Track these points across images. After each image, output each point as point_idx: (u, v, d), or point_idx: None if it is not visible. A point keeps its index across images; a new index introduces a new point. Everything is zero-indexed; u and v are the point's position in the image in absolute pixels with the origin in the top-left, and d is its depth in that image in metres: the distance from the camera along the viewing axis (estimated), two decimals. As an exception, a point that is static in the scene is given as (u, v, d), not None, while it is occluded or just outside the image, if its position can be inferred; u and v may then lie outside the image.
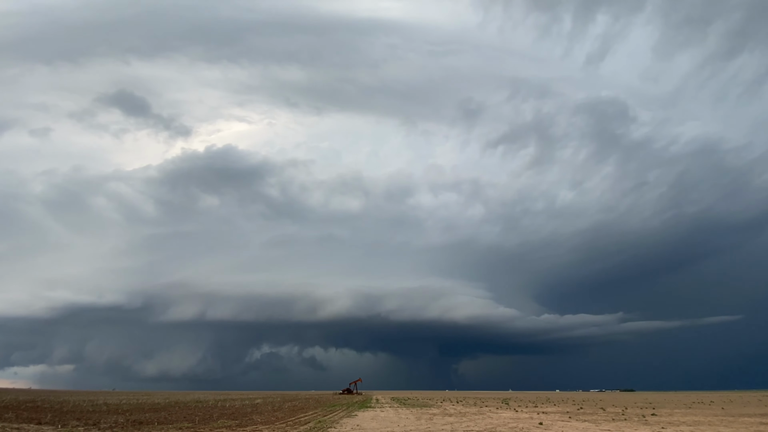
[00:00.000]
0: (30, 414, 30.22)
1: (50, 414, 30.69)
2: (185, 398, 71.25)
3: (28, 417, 27.85)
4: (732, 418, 32.15)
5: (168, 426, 24.68)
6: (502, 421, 29.43)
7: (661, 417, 33.63)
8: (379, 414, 36.19)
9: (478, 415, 34.92)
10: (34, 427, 23.00)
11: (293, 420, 29.86)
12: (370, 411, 40.09)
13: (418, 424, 27.58)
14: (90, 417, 29.41)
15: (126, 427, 23.95)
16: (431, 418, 32.28)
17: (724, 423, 28.71)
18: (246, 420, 29.37)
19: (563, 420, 30.69)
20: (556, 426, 26.50)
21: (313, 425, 26.35)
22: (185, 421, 27.96)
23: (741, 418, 32.04)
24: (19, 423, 24.38)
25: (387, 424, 27.16)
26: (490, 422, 28.77)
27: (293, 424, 27.18)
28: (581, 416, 34.43)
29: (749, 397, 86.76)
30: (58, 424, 24.23)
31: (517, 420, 30.68)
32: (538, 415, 35.88)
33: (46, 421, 25.93)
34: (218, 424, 26.56)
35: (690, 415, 36.28)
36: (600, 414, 37.10)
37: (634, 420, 30.80)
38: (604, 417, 33.69)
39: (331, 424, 26.97)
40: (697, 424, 28.26)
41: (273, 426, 25.66)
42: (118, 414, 32.36)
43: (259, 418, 31.42)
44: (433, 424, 27.10)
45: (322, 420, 29.97)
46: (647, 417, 33.47)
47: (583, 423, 28.70)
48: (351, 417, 32.97)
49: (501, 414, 36.79)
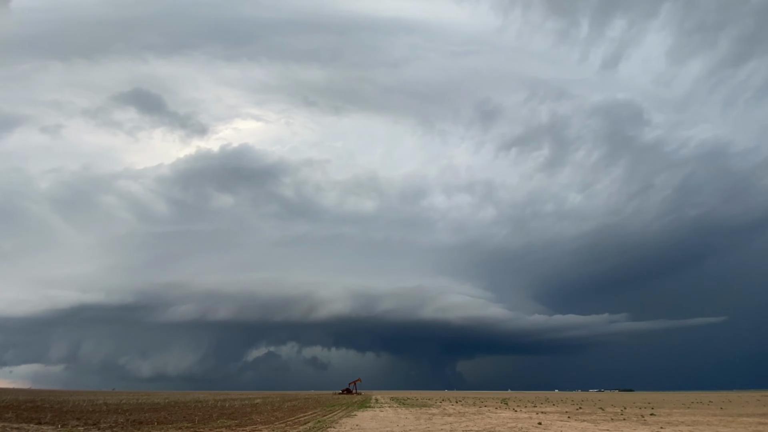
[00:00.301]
0: (30, 414, 30.31)
1: (50, 414, 30.77)
2: (185, 398, 71.33)
3: (28, 417, 27.95)
4: (731, 418, 32.21)
5: (168, 426, 24.73)
6: (501, 421, 29.49)
7: (660, 417, 33.71)
8: (378, 414, 36.25)
9: (477, 415, 34.98)
10: (34, 426, 23.04)
11: (293, 420, 29.92)
12: (369, 411, 40.16)
13: (418, 423, 27.62)
14: (90, 417, 29.49)
15: (126, 427, 24.01)
16: (430, 418, 32.34)
17: (722, 423, 28.73)
18: (245, 420, 29.43)
19: (562, 420, 30.75)
20: (555, 426, 26.54)
21: (313, 425, 26.41)
22: (185, 421, 28.03)
23: (740, 418, 32.08)
24: (19, 423, 24.46)
25: (386, 424, 27.21)
26: (489, 422, 28.82)
27: (293, 423, 27.24)
28: (580, 416, 34.50)
29: (748, 397, 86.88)
30: (58, 424, 24.29)
31: (516, 420, 30.74)
32: (537, 415, 35.96)
33: (46, 420, 26.00)
34: (218, 423, 26.62)
35: (689, 414, 36.39)
36: (599, 414, 37.18)
37: (633, 420, 30.87)
38: (602, 417, 33.77)
39: (331, 424, 27.04)
40: (696, 423, 28.29)
41: (273, 426, 25.71)
42: (118, 414, 32.42)
43: (258, 417, 31.49)
44: (432, 424, 27.14)
45: (322, 420, 30.04)
46: (646, 417, 33.57)
47: (582, 423, 28.74)
48: (350, 417, 33.04)
49: (500, 414, 36.86)
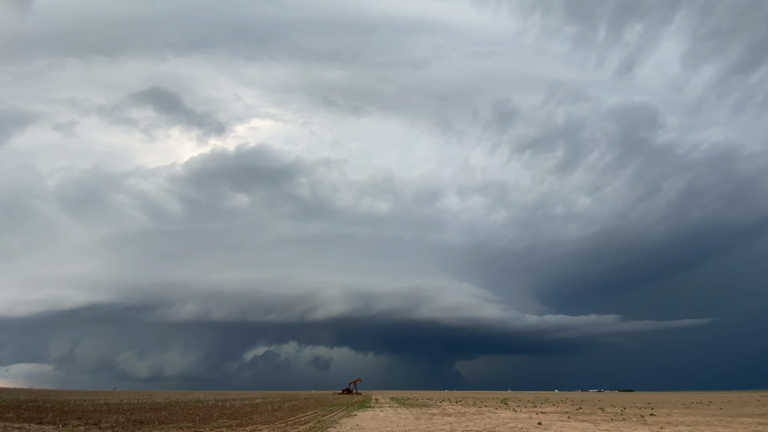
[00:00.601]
0: (31, 414, 30.40)
1: (51, 414, 30.85)
2: (185, 398, 71.44)
3: (29, 417, 28.02)
4: (730, 418, 32.24)
5: (168, 426, 24.81)
6: (501, 421, 29.54)
7: (660, 417, 33.76)
8: (378, 414, 36.33)
9: (477, 415, 35.05)
10: (35, 426, 23.09)
11: (293, 420, 30.00)
12: (369, 411, 40.25)
13: (418, 423, 27.69)
14: (91, 417, 29.57)
15: (127, 426, 24.08)
16: (430, 418, 32.41)
17: (722, 423, 28.73)
18: (246, 420, 29.51)
19: (562, 420, 30.81)
20: (555, 426, 26.59)
21: (313, 425, 26.48)
22: (186, 420, 28.10)
23: (739, 418, 32.10)
24: (21, 422, 24.52)
25: (386, 424, 27.28)
26: (489, 422, 28.88)
27: (293, 423, 27.31)
28: (580, 416, 34.57)
29: (748, 398, 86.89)
30: (59, 424, 24.36)
31: (516, 420, 30.79)
32: (537, 415, 36.03)
33: (48, 420, 26.07)
34: (219, 423, 26.69)
35: (688, 415, 36.42)
36: (599, 414, 37.24)
37: (633, 420, 30.91)
38: (602, 417, 33.83)
39: (331, 424, 27.11)
40: (696, 424, 28.29)
41: (273, 426, 25.78)
42: (118, 414, 32.52)
43: (259, 417, 31.57)
44: (432, 424, 27.20)
45: (322, 420, 30.12)
46: (646, 417, 33.62)
47: (582, 423, 28.79)
48: (350, 417, 33.12)
49: (500, 414, 36.92)
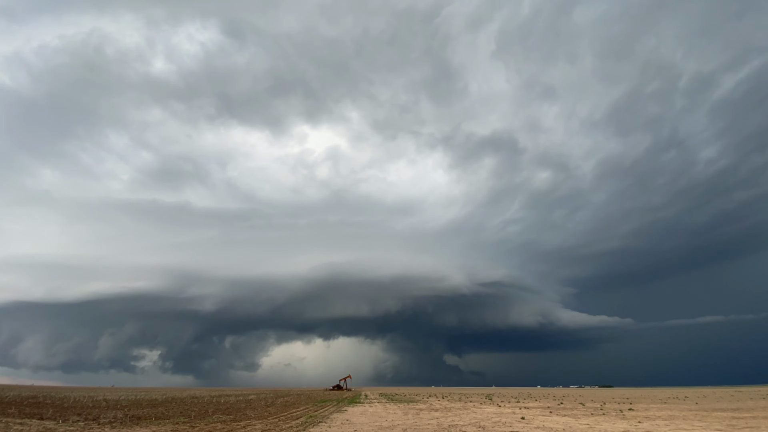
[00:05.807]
0: (32, 409, 30.95)
1: (51, 409, 31.45)
2: (181, 394, 72.18)
3: (30, 412, 28.59)
4: (705, 413, 33.12)
5: (165, 421, 25.56)
6: (486, 416, 30.42)
7: (638, 412, 34.76)
8: (368, 409, 37.23)
9: (463, 411, 36.03)
10: (36, 422, 23.56)
11: (285, 415, 30.87)
12: (359, 406, 41.17)
13: (406, 418, 28.57)
14: (90, 412, 30.24)
15: (125, 422, 24.77)
16: (418, 413, 33.36)
17: (698, 417, 29.42)
18: (240, 415, 30.37)
19: (544, 415, 31.79)
20: (538, 420, 27.40)
21: (305, 420, 27.27)
22: (182, 416, 28.91)
23: (714, 413, 32.94)
24: (22, 418, 25.04)
25: (375, 419, 28.14)
26: (475, 417, 29.74)
27: (285, 418, 28.14)
28: (561, 411, 35.66)
29: (722, 393, 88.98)
30: (59, 419, 24.92)
31: (500, 415, 31.73)
32: (521, 410, 37.08)
33: (48, 416, 26.60)
34: (213, 419, 27.51)
35: (665, 409, 37.40)
36: (579, 409, 38.36)
37: (612, 415, 31.83)
38: (583, 412, 34.91)
39: (322, 419, 27.94)
40: (672, 418, 28.96)
41: (266, 421, 26.58)
42: (117, 409, 33.25)
43: (252, 413, 32.41)
44: (419, 419, 28.08)
45: (314, 415, 30.97)
46: (624, 412, 34.67)
47: (564, 417, 29.68)
48: (341, 412, 34.01)
49: (485, 409, 37.92)
